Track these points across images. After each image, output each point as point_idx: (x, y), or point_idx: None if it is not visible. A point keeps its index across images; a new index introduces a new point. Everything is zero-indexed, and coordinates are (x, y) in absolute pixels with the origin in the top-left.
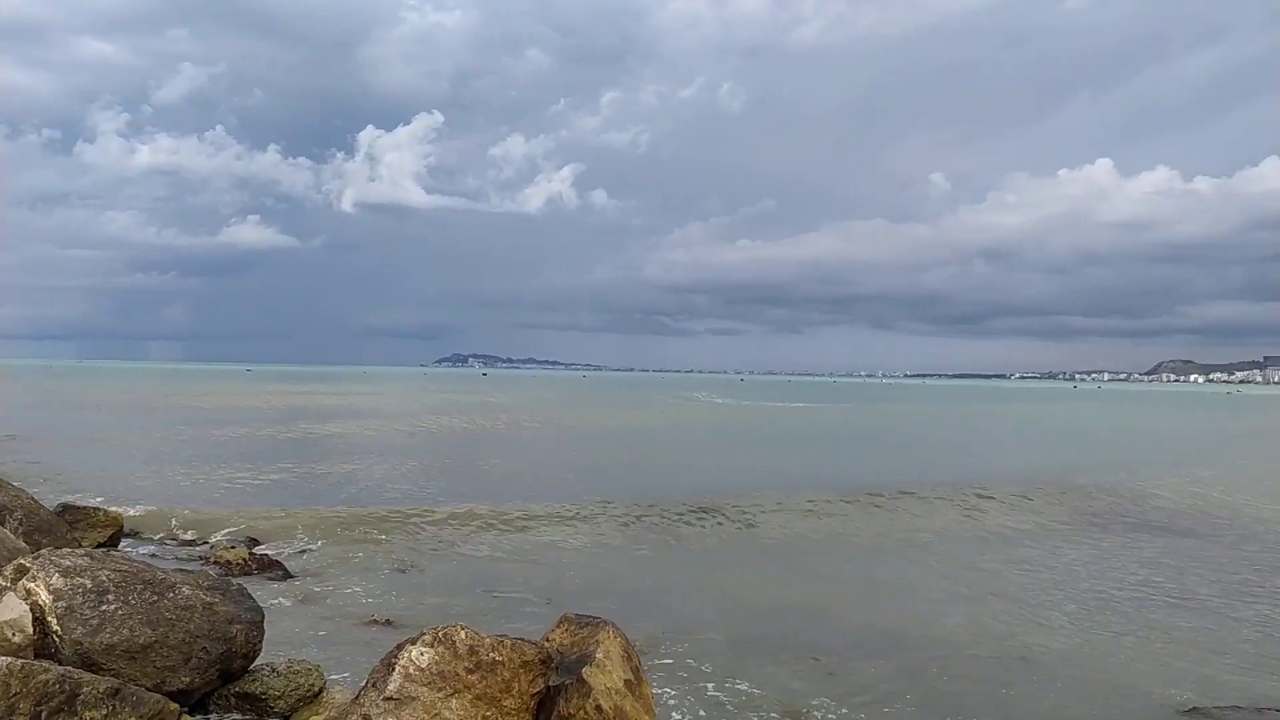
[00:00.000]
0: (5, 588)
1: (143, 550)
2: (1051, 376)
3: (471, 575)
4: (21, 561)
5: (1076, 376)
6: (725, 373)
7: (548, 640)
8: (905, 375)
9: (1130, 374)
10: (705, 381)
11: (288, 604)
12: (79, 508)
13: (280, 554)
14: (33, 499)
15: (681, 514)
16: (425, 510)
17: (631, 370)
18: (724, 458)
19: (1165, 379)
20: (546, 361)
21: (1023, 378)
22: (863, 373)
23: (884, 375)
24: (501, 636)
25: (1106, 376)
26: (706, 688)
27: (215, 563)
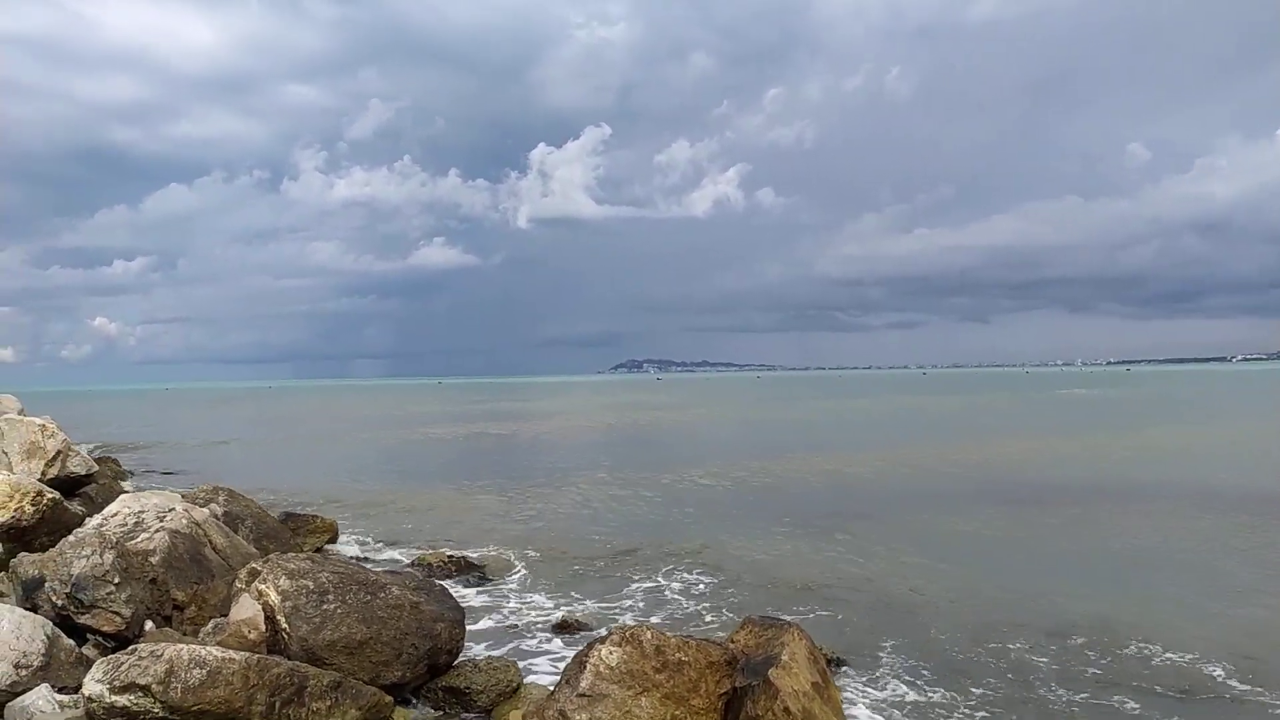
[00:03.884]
0: (240, 589)
1: (354, 553)
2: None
3: (657, 583)
4: (253, 565)
5: None
6: (906, 367)
7: (733, 641)
8: (1107, 362)
9: None
10: (886, 378)
11: (484, 604)
12: (299, 515)
13: (475, 557)
14: (260, 508)
15: None
16: (613, 529)
17: (807, 369)
18: None
19: None
20: (720, 364)
21: (1245, 359)
22: (1059, 361)
23: (1083, 363)
24: (687, 637)
25: None
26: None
27: (418, 564)
